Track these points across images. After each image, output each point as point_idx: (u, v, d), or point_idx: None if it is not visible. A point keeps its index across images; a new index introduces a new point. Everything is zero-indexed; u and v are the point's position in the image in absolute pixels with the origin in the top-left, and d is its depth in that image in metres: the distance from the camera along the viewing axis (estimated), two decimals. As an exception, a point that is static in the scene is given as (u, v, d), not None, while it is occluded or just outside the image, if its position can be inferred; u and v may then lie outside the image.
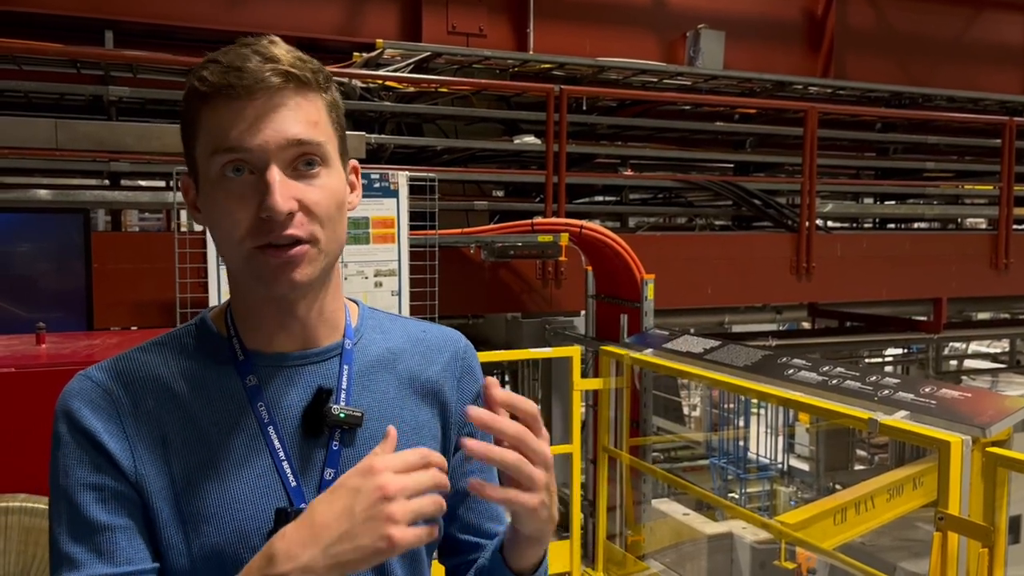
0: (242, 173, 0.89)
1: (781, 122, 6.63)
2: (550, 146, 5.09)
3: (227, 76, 0.88)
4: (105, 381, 0.93)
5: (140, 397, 0.93)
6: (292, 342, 0.97)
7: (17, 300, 3.67)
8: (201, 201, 0.94)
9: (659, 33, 6.98)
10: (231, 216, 0.90)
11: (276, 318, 0.96)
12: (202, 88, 0.89)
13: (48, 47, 4.55)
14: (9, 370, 2.03)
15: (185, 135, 0.94)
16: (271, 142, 0.89)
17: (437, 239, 4.34)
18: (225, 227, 0.91)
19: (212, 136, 0.89)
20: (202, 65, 0.90)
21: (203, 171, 0.92)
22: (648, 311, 4.51)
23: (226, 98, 0.88)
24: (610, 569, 4.53)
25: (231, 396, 0.94)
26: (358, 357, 1.00)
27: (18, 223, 3.90)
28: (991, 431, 2.57)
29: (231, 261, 0.93)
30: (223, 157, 0.89)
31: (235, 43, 0.91)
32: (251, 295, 0.96)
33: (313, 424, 0.95)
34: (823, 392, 3.16)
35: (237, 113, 0.88)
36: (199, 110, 0.90)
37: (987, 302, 7.52)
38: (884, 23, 7.88)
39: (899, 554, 5.13)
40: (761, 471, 8.09)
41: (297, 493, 0.93)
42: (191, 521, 0.90)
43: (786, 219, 6.05)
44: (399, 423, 0.98)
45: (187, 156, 0.95)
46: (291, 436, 0.95)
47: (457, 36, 6.12)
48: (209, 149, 0.90)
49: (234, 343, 0.97)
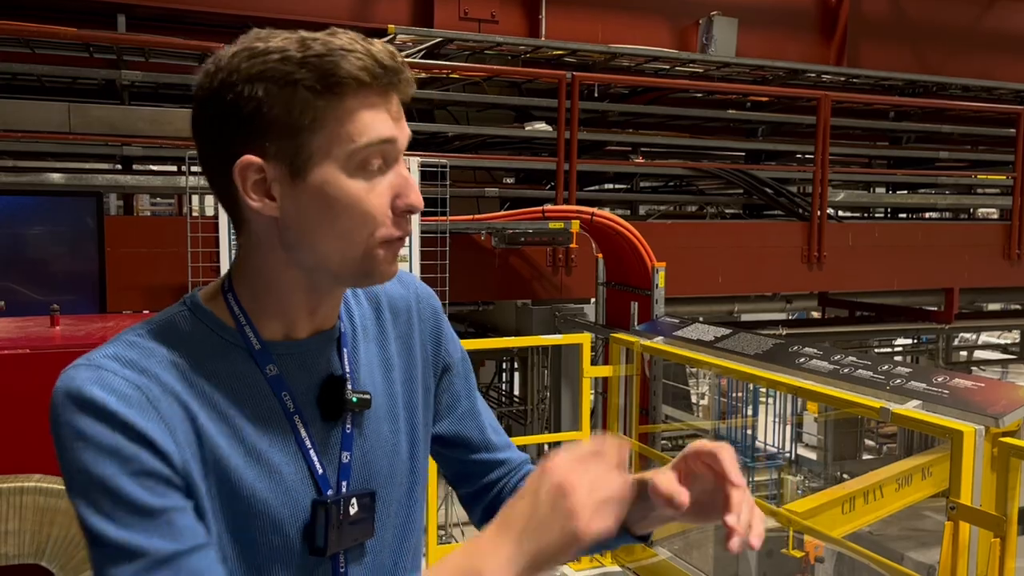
0: (378, 166, 0.90)
1: (793, 110, 6.60)
2: (561, 133, 5.07)
3: (384, 71, 0.88)
4: (121, 369, 0.86)
5: (164, 380, 0.87)
6: (309, 328, 0.97)
7: (30, 282, 3.69)
8: (293, 191, 0.88)
9: (672, 20, 6.94)
10: (367, 211, 0.89)
11: (312, 308, 0.95)
12: (364, 77, 0.86)
13: (61, 31, 4.56)
14: (24, 351, 2.04)
15: (291, 119, 0.86)
16: (404, 136, 0.91)
17: (448, 225, 4.34)
18: (353, 221, 0.88)
19: (359, 126, 0.87)
20: (336, 52, 0.85)
21: (323, 161, 0.87)
22: (658, 299, 4.51)
23: (380, 91, 0.88)
24: (618, 555, 4.55)
25: (252, 386, 0.92)
26: (348, 335, 1.02)
27: (32, 206, 3.92)
28: (1004, 421, 2.56)
29: (340, 254, 0.90)
30: (372, 148, 0.88)
31: (330, 30, 0.89)
32: (296, 289, 0.93)
33: (332, 410, 0.96)
34: (835, 381, 3.15)
35: (385, 105, 0.89)
36: (339, 98, 0.86)
37: (999, 292, 7.48)
38: (898, 11, 7.81)
39: (907, 543, 5.14)
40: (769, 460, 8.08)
41: (323, 480, 0.93)
42: (227, 514, 0.88)
43: (797, 208, 6.02)
44: (391, 390, 1.04)
45: (279, 140, 0.87)
46: (311, 421, 0.95)
47: (469, 22, 6.10)
48: (348, 137, 0.87)
49: (247, 332, 0.93)
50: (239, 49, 0.88)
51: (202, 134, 0.91)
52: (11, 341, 2.13)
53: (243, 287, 0.95)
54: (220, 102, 0.87)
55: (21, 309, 3.03)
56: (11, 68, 4.71)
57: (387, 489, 1.01)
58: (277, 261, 0.92)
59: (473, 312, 5.87)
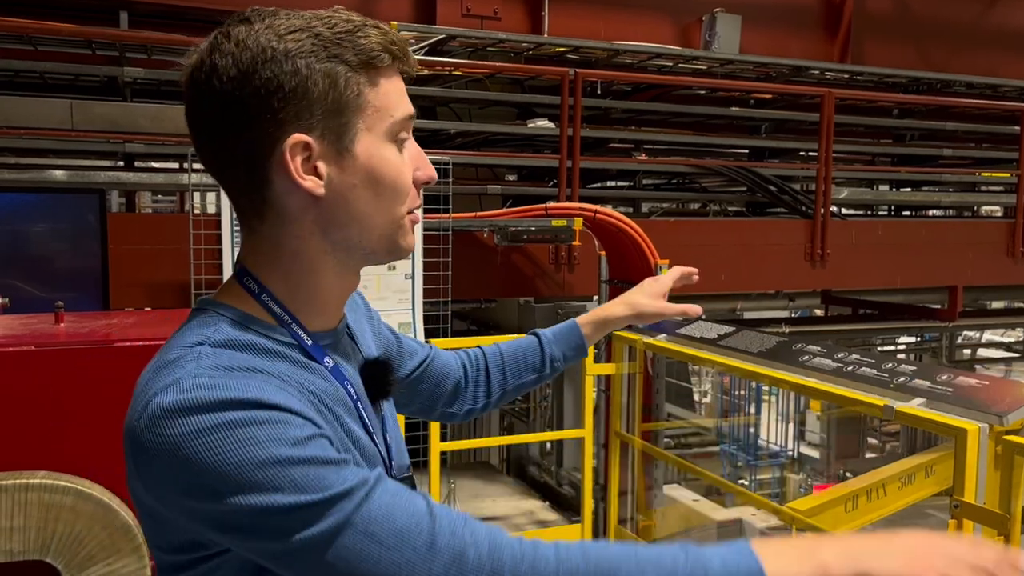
0: (404, 139, 0.94)
1: (797, 107, 6.58)
2: (564, 130, 5.06)
3: (401, 51, 0.91)
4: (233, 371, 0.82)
5: (278, 371, 0.85)
6: (336, 318, 0.99)
7: (33, 280, 3.69)
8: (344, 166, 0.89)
9: (675, 17, 6.92)
10: (404, 182, 0.93)
11: (341, 296, 0.99)
12: (396, 52, 0.90)
13: (63, 27, 4.56)
14: (29, 348, 2.04)
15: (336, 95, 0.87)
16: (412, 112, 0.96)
17: (451, 223, 4.33)
18: (395, 193, 0.92)
19: (389, 103, 0.91)
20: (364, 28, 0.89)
21: (365, 140, 0.90)
22: (661, 296, 4.50)
23: (401, 68, 0.93)
24: (620, 553, 4.55)
25: (325, 380, 0.91)
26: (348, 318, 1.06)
27: (34, 203, 3.92)
28: (1008, 419, 2.56)
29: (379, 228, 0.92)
30: (403, 125, 0.92)
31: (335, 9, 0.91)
32: (328, 276, 0.94)
33: (380, 391, 1.01)
34: (838, 379, 3.14)
35: (402, 84, 0.93)
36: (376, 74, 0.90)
37: (1002, 290, 7.47)
38: (902, 7, 7.79)
39: (910, 542, 5.12)
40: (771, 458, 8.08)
41: (384, 460, 0.98)
42: None
43: (801, 205, 6.01)
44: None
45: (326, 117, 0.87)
46: (366, 406, 0.98)
47: (471, 19, 6.09)
48: (387, 113, 0.91)
49: (295, 329, 0.92)
50: (258, 28, 0.86)
51: (221, 119, 0.86)
52: (16, 338, 2.13)
53: (276, 282, 0.92)
54: (253, 81, 0.84)
55: (24, 306, 3.03)
56: (13, 65, 4.70)
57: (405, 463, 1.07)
58: (315, 247, 0.91)
59: (475, 310, 5.86)
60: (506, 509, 5.15)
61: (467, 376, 1.36)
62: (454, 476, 4.99)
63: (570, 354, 1.42)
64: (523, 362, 1.39)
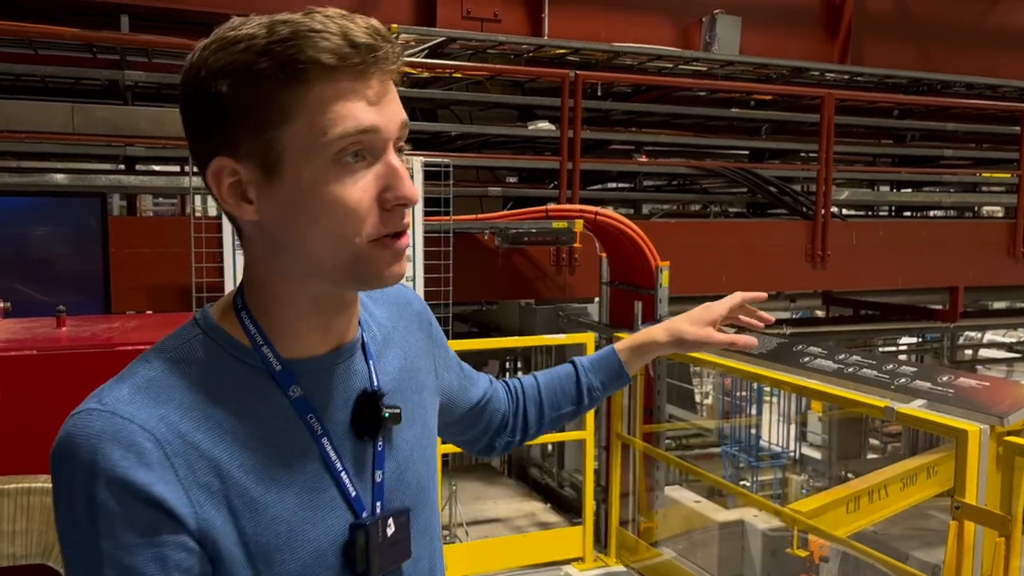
0: (359, 158, 0.81)
1: (797, 109, 6.59)
2: (564, 132, 5.07)
3: (356, 51, 0.79)
4: (140, 417, 0.79)
5: (184, 431, 0.80)
6: (329, 342, 0.90)
7: (35, 283, 3.69)
8: (269, 191, 0.82)
9: (675, 18, 6.93)
10: (350, 207, 0.80)
11: (322, 320, 0.89)
12: (329, 60, 0.78)
13: (64, 31, 4.57)
14: (31, 352, 2.04)
15: (256, 114, 0.79)
16: (392, 123, 0.82)
17: (452, 225, 4.34)
18: (336, 220, 0.81)
19: (330, 115, 0.79)
20: (301, 35, 0.78)
21: (296, 157, 0.80)
22: (662, 298, 4.50)
23: (354, 74, 0.79)
24: (623, 555, 4.55)
25: (275, 411, 0.86)
26: (371, 346, 0.96)
27: (36, 207, 3.92)
28: (1009, 420, 2.56)
29: (329, 258, 0.82)
30: (348, 139, 0.79)
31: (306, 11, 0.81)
32: (298, 300, 0.86)
33: (366, 427, 0.91)
34: (839, 380, 3.15)
35: (361, 92, 0.80)
36: (305, 86, 0.78)
37: (1004, 291, 7.47)
38: (902, 8, 7.79)
39: (912, 543, 5.13)
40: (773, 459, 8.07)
41: (358, 503, 0.89)
42: (262, 553, 0.83)
43: (801, 207, 6.01)
44: (412, 401, 1.00)
45: (249, 138, 0.80)
46: (341, 443, 0.89)
47: (472, 21, 6.09)
48: (321, 130, 0.79)
49: (265, 352, 0.86)
50: (210, 41, 0.81)
51: (187, 135, 0.85)
52: (18, 342, 2.14)
53: (254, 302, 0.88)
54: (193, 101, 0.82)
55: (26, 310, 3.03)
56: (14, 69, 4.72)
57: (420, 502, 0.97)
58: (275, 269, 0.86)
59: (477, 312, 5.87)
60: (507, 511, 5.15)
61: (509, 409, 1.29)
62: (456, 478, 4.99)
63: (608, 382, 1.32)
64: (560, 393, 1.31)
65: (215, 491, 0.81)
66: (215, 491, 0.81)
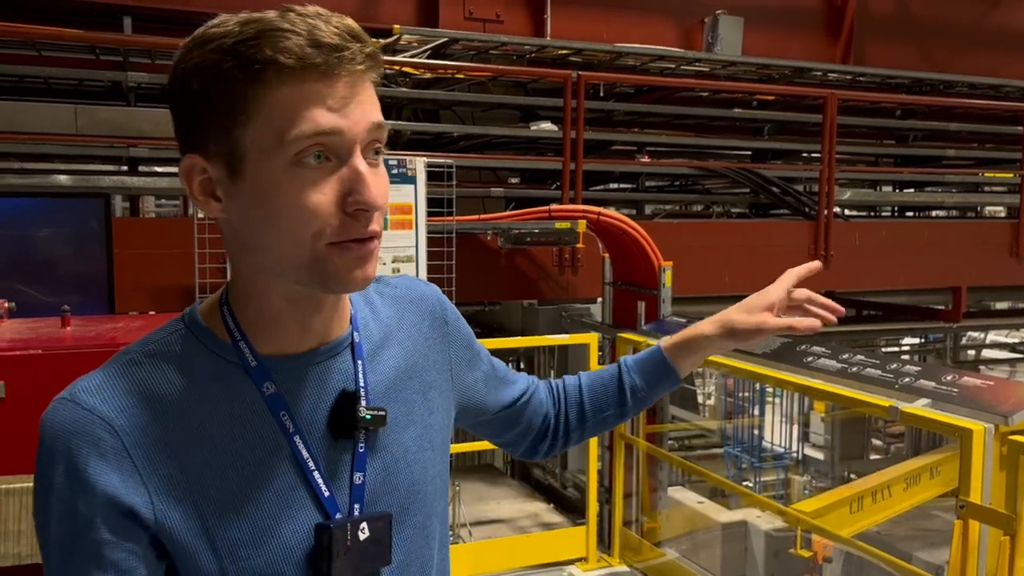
0: (321, 160, 0.80)
1: (800, 109, 6.59)
2: (567, 133, 5.07)
3: (319, 51, 0.78)
4: (102, 408, 0.81)
5: (146, 421, 0.82)
6: (310, 340, 0.90)
7: (39, 284, 3.70)
8: (233, 191, 0.82)
9: (677, 19, 6.93)
10: (304, 209, 0.80)
11: (299, 319, 0.88)
12: (287, 61, 0.77)
13: (68, 33, 4.58)
14: (36, 352, 2.05)
15: (217, 113, 0.80)
16: (359, 125, 0.81)
17: (454, 226, 4.34)
18: (291, 221, 0.80)
19: (289, 116, 0.79)
20: (266, 34, 0.78)
21: (257, 157, 0.80)
22: (665, 298, 4.50)
23: (317, 75, 0.79)
24: (626, 555, 4.55)
25: (248, 408, 0.86)
26: (365, 345, 0.95)
27: (40, 208, 3.93)
28: (1013, 419, 2.56)
29: (286, 259, 0.82)
30: (305, 141, 0.79)
31: (283, 10, 0.81)
32: (274, 296, 0.87)
33: (342, 428, 0.89)
34: (843, 380, 3.14)
35: (325, 93, 0.79)
36: (264, 86, 0.78)
37: (1006, 291, 7.46)
38: (904, 9, 7.79)
39: (915, 543, 5.12)
40: (776, 460, 8.07)
41: (331, 503, 0.88)
42: (227, 548, 0.83)
43: (804, 207, 6.01)
44: (411, 402, 0.97)
45: (212, 137, 0.82)
46: (317, 442, 0.88)
47: (474, 22, 6.10)
48: (279, 130, 0.79)
49: (242, 347, 0.87)
50: (189, 39, 0.83)
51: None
52: (23, 342, 2.14)
53: (234, 298, 0.89)
54: (171, 99, 0.84)
55: (30, 310, 3.04)
56: (18, 70, 4.73)
57: (413, 505, 0.94)
58: (248, 266, 0.87)
59: (479, 312, 5.87)
60: (511, 512, 5.15)
61: (551, 411, 1.23)
62: (459, 479, 4.99)
63: (654, 382, 1.22)
64: (603, 394, 1.23)
65: (177, 483, 0.82)
66: (177, 483, 0.82)
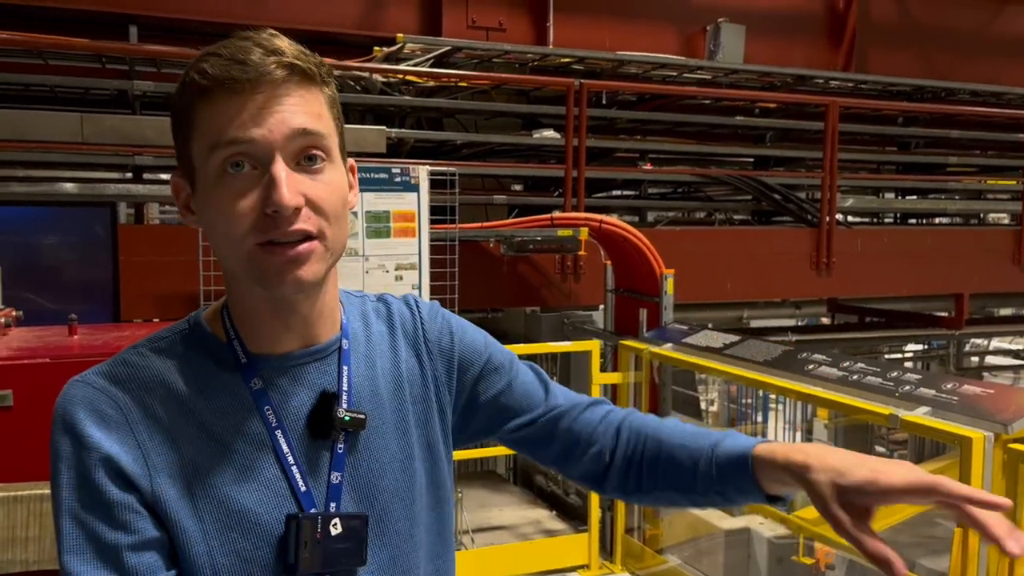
0: (242, 168, 0.86)
1: (802, 116, 6.60)
2: (569, 140, 5.09)
3: (229, 69, 0.84)
4: (109, 387, 0.89)
5: (148, 403, 0.89)
6: (294, 341, 0.95)
7: (45, 292, 3.73)
8: (196, 202, 0.91)
9: (679, 27, 6.96)
10: (231, 214, 0.86)
11: (278, 319, 0.94)
12: (202, 82, 0.85)
13: (74, 42, 4.61)
14: (44, 360, 2.07)
15: (179, 132, 0.90)
16: (275, 132, 0.85)
17: (457, 233, 4.36)
18: (224, 226, 0.87)
19: (212, 130, 0.86)
20: (200, 59, 0.87)
21: (200, 169, 0.88)
22: (667, 306, 4.52)
23: (228, 91, 0.85)
24: (628, 563, 4.55)
25: (237, 401, 0.92)
26: (352, 353, 1.00)
27: (46, 216, 3.96)
28: (1013, 427, 2.57)
29: (231, 262, 0.90)
30: (223, 152, 0.85)
31: (233, 35, 0.88)
32: (250, 297, 0.93)
33: (320, 428, 0.94)
34: (844, 388, 3.16)
35: (240, 106, 0.85)
36: (197, 104, 0.87)
37: (1009, 298, 7.46)
38: (907, 16, 7.81)
39: (918, 551, 5.11)
40: (779, 466, 8.06)
41: (307, 498, 0.92)
42: (214, 530, 0.88)
43: (806, 214, 6.02)
44: (403, 411, 1.01)
45: (180, 155, 0.91)
46: (298, 438, 0.93)
47: (477, 30, 6.13)
48: (208, 144, 0.86)
49: (235, 346, 0.94)
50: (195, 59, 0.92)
51: None
52: (31, 350, 2.16)
53: (230, 302, 0.97)
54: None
55: (37, 318, 3.06)
56: (24, 79, 4.76)
57: (394, 513, 0.97)
58: (225, 271, 0.95)
59: (482, 320, 5.88)
60: (513, 518, 5.16)
61: (607, 444, 1.13)
62: (461, 485, 5.00)
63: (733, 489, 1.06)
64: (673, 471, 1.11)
65: (173, 463, 0.89)
66: (173, 463, 0.89)
